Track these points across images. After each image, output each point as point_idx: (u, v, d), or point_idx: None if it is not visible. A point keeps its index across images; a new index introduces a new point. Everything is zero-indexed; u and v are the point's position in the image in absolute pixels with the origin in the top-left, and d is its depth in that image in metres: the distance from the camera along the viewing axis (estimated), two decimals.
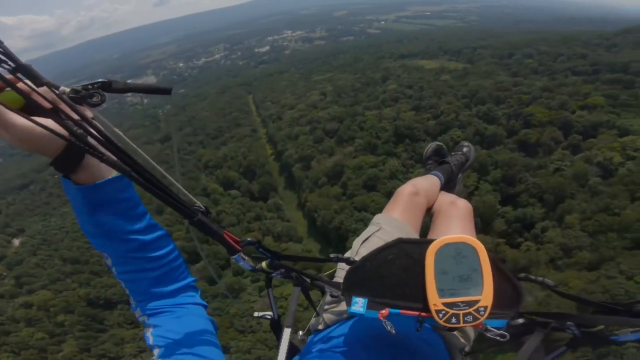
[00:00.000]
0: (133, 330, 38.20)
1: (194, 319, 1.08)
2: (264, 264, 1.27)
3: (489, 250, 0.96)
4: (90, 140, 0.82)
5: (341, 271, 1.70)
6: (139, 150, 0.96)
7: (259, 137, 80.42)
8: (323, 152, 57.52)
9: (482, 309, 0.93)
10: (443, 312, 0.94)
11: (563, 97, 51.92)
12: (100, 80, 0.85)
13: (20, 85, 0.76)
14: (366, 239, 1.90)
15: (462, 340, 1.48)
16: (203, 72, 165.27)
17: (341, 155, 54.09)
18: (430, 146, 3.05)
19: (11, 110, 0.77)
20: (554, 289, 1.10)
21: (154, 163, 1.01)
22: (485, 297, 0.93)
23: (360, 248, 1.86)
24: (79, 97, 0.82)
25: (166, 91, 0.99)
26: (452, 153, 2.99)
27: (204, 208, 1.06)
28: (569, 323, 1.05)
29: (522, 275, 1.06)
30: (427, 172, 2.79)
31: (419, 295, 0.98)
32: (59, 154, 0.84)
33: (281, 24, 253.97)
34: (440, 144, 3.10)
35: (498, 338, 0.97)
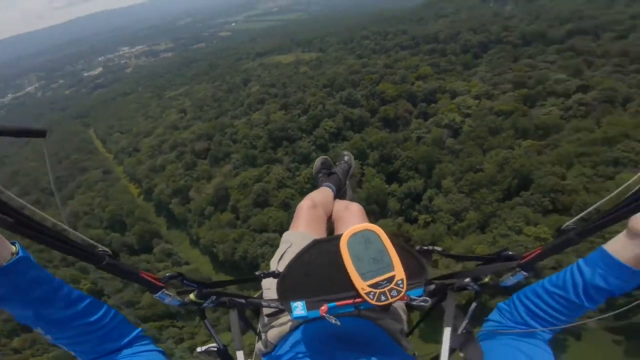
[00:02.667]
0: None
1: None
2: (191, 296, 1.25)
3: (390, 232, 1.09)
4: None
5: (267, 291, 1.76)
6: (21, 201, 0.87)
7: (117, 177, 64.68)
8: (199, 178, 49.19)
9: (400, 281, 1.02)
10: (372, 293, 1.01)
11: (402, 72, 57.60)
12: None
13: None
14: (281, 257, 1.93)
15: (397, 324, 1.54)
16: (13, 110, 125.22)
17: (220, 176, 47.17)
18: (317, 161, 3.18)
19: None
20: (443, 252, 1.35)
21: (40, 212, 0.92)
22: (398, 271, 1.03)
23: (278, 267, 1.87)
24: None
25: (40, 134, 0.88)
26: (337, 163, 3.18)
27: (110, 251, 1.03)
28: (467, 280, 1.22)
29: (418, 247, 1.27)
30: (320, 185, 2.92)
31: (347, 285, 1.04)
32: None
33: (114, 41, 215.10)
34: (326, 157, 3.23)
35: (422, 304, 1.08)
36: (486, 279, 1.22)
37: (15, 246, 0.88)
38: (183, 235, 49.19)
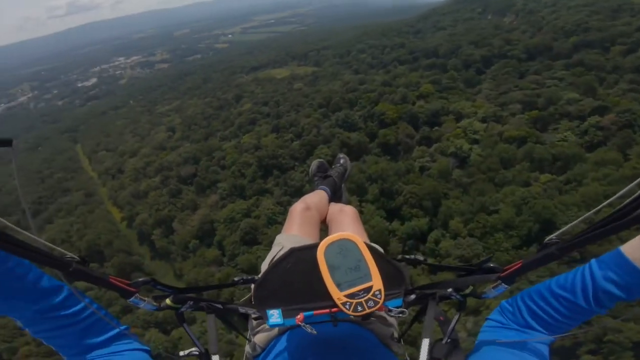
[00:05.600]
0: None
1: None
2: (167, 301, 1.22)
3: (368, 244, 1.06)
4: None
5: None
6: None
7: (100, 200, 59.41)
8: (184, 207, 44.31)
9: (377, 292, 0.99)
10: (348, 303, 0.98)
11: (402, 90, 53.21)
12: None
13: None
14: (272, 260, 1.73)
15: (387, 328, 1.51)
16: (5, 122, 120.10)
17: (206, 207, 42.36)
18: (313, 164, 3.17)
19: None
20: (424, 262, 1.31)
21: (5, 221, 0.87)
22: (376, 281, 1.00)
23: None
24: None
25: (5, 143, 0.85)
26: (333, 166, 3.18)
27: (78, 258, 1.00)
28: (449, 290, 1.19)
29: (399, 256, 1.24)
30: (315, 187, 2.89)
31: (324, 294, 1.01)
32: None
33: (109, 51, 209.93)
34: (322, 160, 3.23)
35: (400, 315, 1.05)
36: (467, 290, 1.15)
37: None
38: (167, 266, 44.33)
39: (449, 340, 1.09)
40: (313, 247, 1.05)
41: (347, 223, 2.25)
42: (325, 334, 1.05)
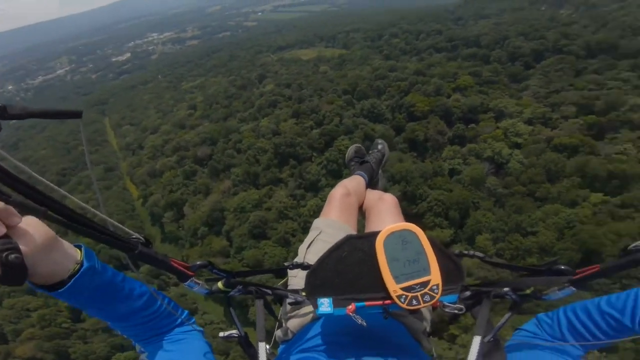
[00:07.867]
0: None
1: (191, 342, 1.12)
2: (219, 284, 1.23)
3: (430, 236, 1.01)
4: None
5: (293, 278, 1.71)
6: (53, 185, 0.78)
7: (120, 176, 59.32)
8: (196, 191, 42.55)
9: (435, 287, 0.96)
10: (403, 296, 0.95)
11: (437, 81, 47.80)
12: None
13: None
14: (310, 244, 1.88)
15: (420, 323, 1.48)
16: (41, 92, 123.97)
17: (218, 193, 40.32)
18: (351, 149, 3.05)
19: None
20: (485, 259, 1.25)
21: (74, 198, 0.85)
22: (435, 275, 0.96)
23: (307, 254, 1.84)
24: None
25: (76, 115, 0.81)
26: (370, 152, 3.04)
27: (143, 239, 0.98)
28: (505, 289, 1.12)
29: (457, 251, 1.19)
30: (352, 173, 2.81)
31: (378, 285, 0.98)
32: None
33: (144, 27, 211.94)
34: (359, 145, 3.10)
35: (456, 311, 1.01)
36: (528, 291, 1.08)
37: (80, 250, 0.85)
38: (176, 251, 43.25)
39: (491, 339, 1.03)
40: (371, 236, 1.02)
41: (386, 212, 2.12)
42: (359, 324, 1.02)
